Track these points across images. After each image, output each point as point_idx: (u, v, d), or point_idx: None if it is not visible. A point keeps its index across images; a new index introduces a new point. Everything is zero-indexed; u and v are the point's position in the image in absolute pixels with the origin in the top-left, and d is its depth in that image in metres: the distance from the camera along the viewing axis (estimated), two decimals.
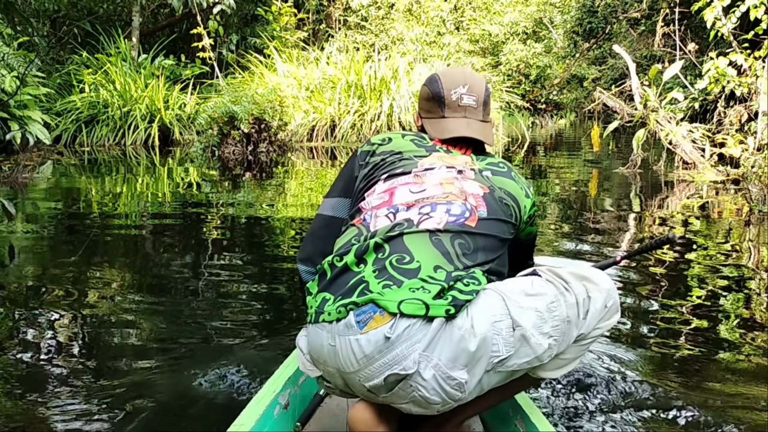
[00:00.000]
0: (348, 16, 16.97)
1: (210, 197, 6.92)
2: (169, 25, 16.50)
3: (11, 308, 3.20)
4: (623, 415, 2.20)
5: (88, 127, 12.18)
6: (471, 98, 1.85)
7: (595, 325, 1.59)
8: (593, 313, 1.58)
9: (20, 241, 4.72)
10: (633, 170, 8.00)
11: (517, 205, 1.73)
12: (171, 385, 2.31)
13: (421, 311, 1.42)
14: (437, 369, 1.42)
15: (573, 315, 1.54)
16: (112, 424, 2.03)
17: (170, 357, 2.60)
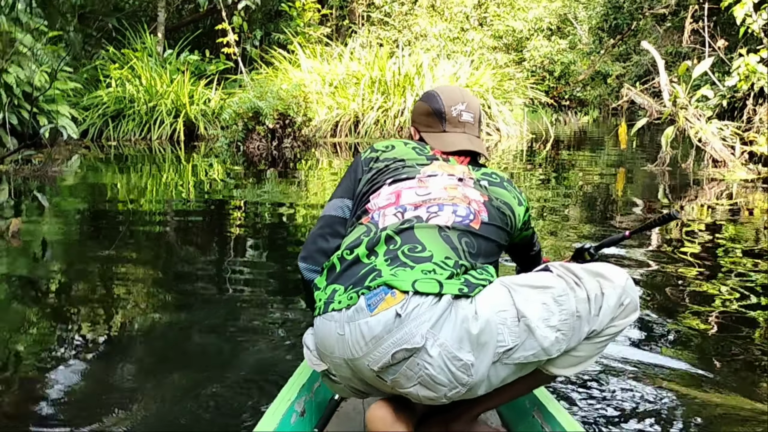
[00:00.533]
0: (371, 12, 16.95)
1: (234, 192, 6.96)
2: (194, 21, 16.61)
3: (40, 300, 3.24)
4: (641, 409, 2.20)
5: (114, 121, 12.32)
6: (469, 115, 1.95)
7: (608, 322, 1.57)
8: (606, 310, 1.56)
9: (51, 234, 4.78)
10: (661, 168, 7.91)
11: (512, 213, 1.80)
12: (184, 390, 2.30)
13: (435, 289, 1.46)
14: (443, 348, 1.44)
15: (584, 310, 1.54)
16: (122, 425, 2.05)
17: (188, 358, 2.61)
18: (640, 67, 17.73)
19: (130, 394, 2.24)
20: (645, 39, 17.16)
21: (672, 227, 4.95)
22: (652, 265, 3.89)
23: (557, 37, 17.39)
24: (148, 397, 2.21)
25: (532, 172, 8.21)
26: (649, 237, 4.66)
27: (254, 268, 3.92)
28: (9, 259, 4.11)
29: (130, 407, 2.14)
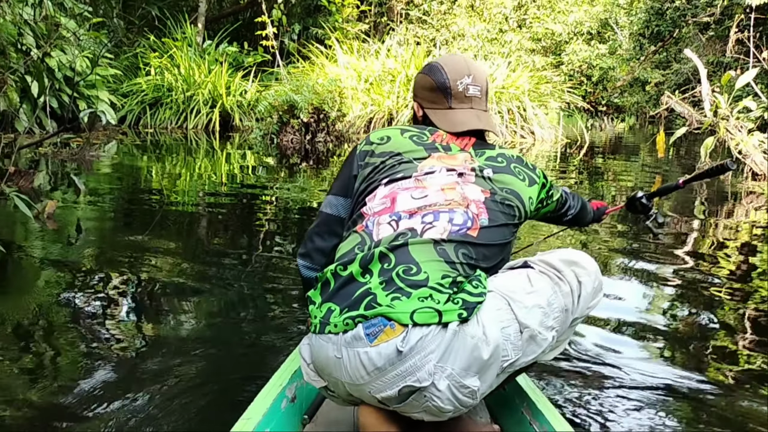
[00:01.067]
0: (410, 10, 16.92)
1: (266, 184, 6.99)
2: (234, 13, 16.75)
3: (72, 283, 3.29)
4: (627, 407, 2.24)
5: (152, 109, 12.49)
6: (476, 88, 1.83)
7: (585, 306, 1.66)
8: (585, 297, 1.64)
9: (84, 217, 4.84)
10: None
11: (521, 202, 1.73)
12: (197, 374, 2.32)
13: (434, 319, 1.41)
14: (451, 379, 1.42)
15: (569, 303, 1.61)
16: (122, 405, 2.07)
17: (205, 346, 2.60)
18: (679, 76, 17.43)
19: (124, 375, 2.27)
20: (686, 47, 16.90)
21: (706, 240, 4.86)
22: (682, 277, 3.82)
23: (597, 42, 17.18)
24: (144, 382, 2.23)
25: (566, 179, 8.12)
26: (682, 246, 4.58)
27: (279, 260, 3.93)
28: (43, 240, 4.17)
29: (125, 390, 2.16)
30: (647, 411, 2.21)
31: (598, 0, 17.93)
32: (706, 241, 4.90)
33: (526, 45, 16.48)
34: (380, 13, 17.18)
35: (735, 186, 7.51)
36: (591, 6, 17.62)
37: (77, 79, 7.41)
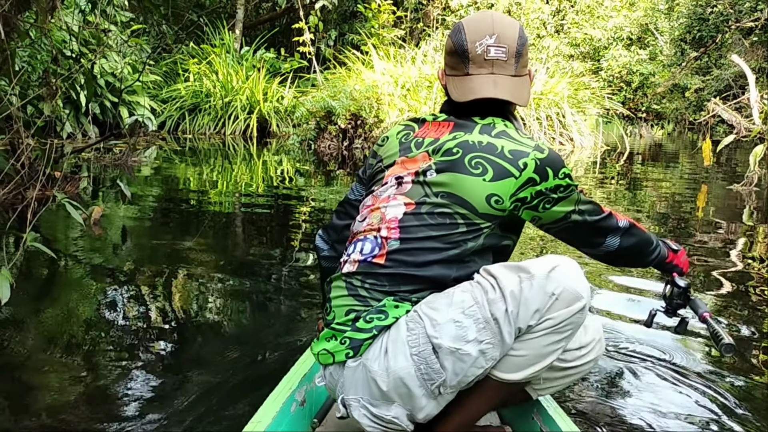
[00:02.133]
0: (446, 16, 16.86)
1: (304, 190, 6.98)
2: (271, 19, 16.87)
3: (113, 289, 3.29)
4: (641, 410, 2.20)
5: (191, 115, 12.62)
6: (500, 50, 1.56)
7: (537, 316, 1.43)
8: (526, 304, 1.43)
9: (129, 225, 4.87)
10: (748, 188, 7.55)
11: (464, 203, 1.51)
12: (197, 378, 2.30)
13: (329, 360, 1.52)
14: (364, 408, 1.50)
15: (499, 311, 1.43)
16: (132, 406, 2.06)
17: (217, 349, 2.57)
18: (720, 82, 17.10)
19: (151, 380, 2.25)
20: (728, 53, 16.55)
21: (754, 249, 4.70)
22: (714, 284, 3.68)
23: (637, 47, 16.93)
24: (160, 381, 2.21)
25: (605, 187, 7.97)
26: (725, 252, 4.43)
27: (301, 266, 3.88)
28: (89, 246, 4.20)
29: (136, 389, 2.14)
30: (660, 416, 2.17)
31: (638, 5, 17.66)
32: (752, 250, 4.74)
33: (565, 51, 16.31)
34: (416, 19, 17.15)
35: None
36: (631, 11, 17.37)
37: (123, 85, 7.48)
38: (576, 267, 1.48)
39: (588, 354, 1.65)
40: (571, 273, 1.46)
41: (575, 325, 1.47)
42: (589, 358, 1.66)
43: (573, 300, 1.43)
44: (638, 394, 2.33)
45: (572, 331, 1.48)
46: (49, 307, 3.02)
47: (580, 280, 1.46)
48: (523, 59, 1.61)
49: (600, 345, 1.69)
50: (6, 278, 2.93)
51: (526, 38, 1.64)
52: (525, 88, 1.61)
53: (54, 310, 2.99)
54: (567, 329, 1.46)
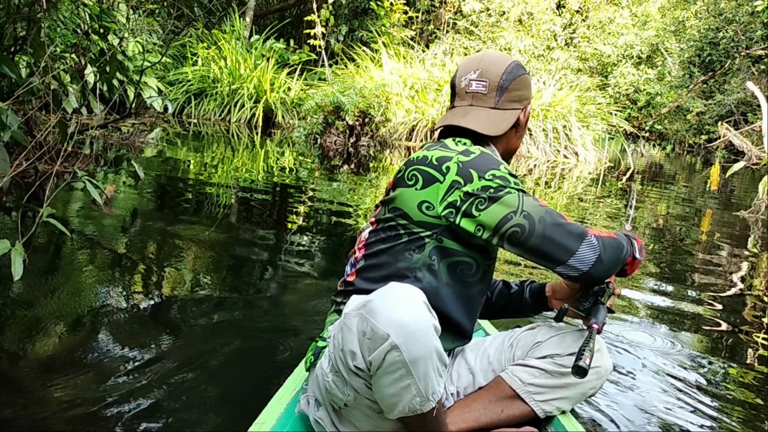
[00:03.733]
0: (458, 20, 16.83)
1: (313, 184, 6.92)
2: (281, 10, 16.79)
3: (121, 272, 3.22)
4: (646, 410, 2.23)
5: (196, 99, 12.50)
6: (480, 84, 1.65)
7: (362, 356, 1.37)
8: (344, 341, 1.41)
9: (137, 205, 4.79)
10: (756, 216, 7.56)
11: (403, 214, 1.56)
12: (202, 377, 2.23)
13: (306, 365, 1.65)
14: (311, 406, 1.60)
15: (332, 347, 1.48)
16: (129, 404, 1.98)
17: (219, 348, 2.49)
18: (722, 107, 17.15)
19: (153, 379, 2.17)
20: (733, 78, 16.61)
21: (755, 276, 4.68)
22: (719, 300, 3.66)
23: (646, 67, 16.95)
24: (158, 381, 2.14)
25: (604, 202, 7.96)
26: (723, 292, 4.41)
27: (306, 263, 3.81)
28: (99, 225, 4.12)
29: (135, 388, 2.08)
30: (665, 418, 2.19)
31: (650, 24, 17.69)
32: (755, 278, 4.73)
33: (573, 64, 16.31)
34: (427, 21, 17.11)
35: None
36: (641, 30, 17.40)
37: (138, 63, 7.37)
38: (394, 299, 1.35)
39: None
40: (381, 308, 1.33)
41: (403, 363, 1.32)
42: None
43: (381, 340, 1.32)
44: (641, 396, 2.34)
45: (405, 369, 1.33)
46: (59, 287, 2.94)
47: (388, 316, 1.32)
48: (510, 93, 1.67)
49: (602, 357, 1.68)
50: (19, 254, 2.86)
51: (519, 75, 1.69)
52: (504, 120, 1.66)
53: (63, 289, 2.91)
54: (395, 369, 1.33)
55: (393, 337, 1.30)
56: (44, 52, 3.60)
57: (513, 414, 1.68)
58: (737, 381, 2.60)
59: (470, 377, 1.79)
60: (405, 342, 1.30)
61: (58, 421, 1.83)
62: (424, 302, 1.37)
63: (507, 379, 1.69)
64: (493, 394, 1.70)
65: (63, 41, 6.18)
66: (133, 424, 1.86)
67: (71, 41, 4.66)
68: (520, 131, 1.75)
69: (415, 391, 1.35)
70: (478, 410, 1.68)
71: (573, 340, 1.69)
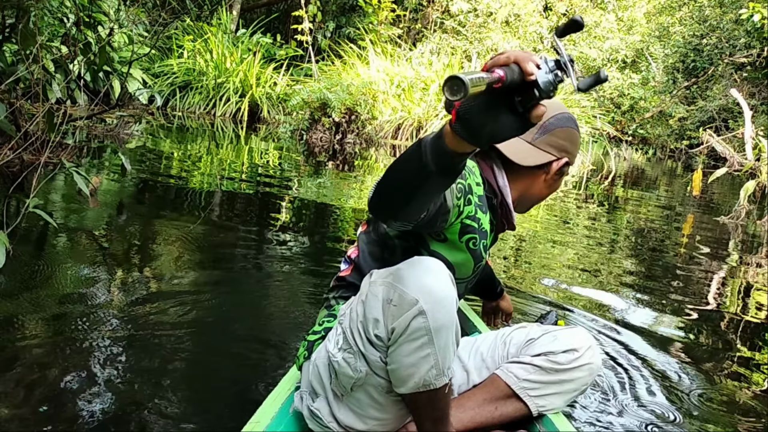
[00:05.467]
0: (445, 20, 16.85)
1: (293, 181, 6.91)
2: (269, 4, 16.71)
3: (108, 264, 3.19)
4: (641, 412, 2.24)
5: (181, 92, 12.41)
6: None
7: (385, 324, 1.38)
8: (368, 310, 1.41)
9: (123, 198, 4.75)
10: (736, 222, 7.66)
11: None
12: (194, 373, 2.24)
13: (299, 363, 1.66)
14: (305, 401, 1.61)
15: (350, 319, 1.49)
16: (120, 403, 1.96)
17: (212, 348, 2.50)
18: (704, 113, 17.33)
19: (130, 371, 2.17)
20: (715, 85, 16.79)
21: (735, 280, 4.75)
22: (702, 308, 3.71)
23: (630, 71, 17.10)
24: (147, 381, 2.13)
25: (587, 207, 8.02)
26: (705, 297, 4.47)
27: (290, 261, 3.80)
28: (84, 215, 4.08)
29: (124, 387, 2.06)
30: (659, 420, 2.21)
31: (635, 29, 17.84)
32: (734, 282, 4.79)
33: None
34: (415, 20, 17.12)
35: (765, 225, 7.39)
36: (627, 34, 17.54)
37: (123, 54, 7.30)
38: (423, 268, 1.38)
39: (580, 358, 1.69)
40: (411, 275, 1.37)
41: (428, 330, 1.35)
42: (581, 362, 1.69)
43: (408, 306, 1.35)
44: (636, 399, 2.36)
45: (428, 337, 1.36)
46: (42, 277, 2.90)
47: (418, 283, 1.36)
48: (550, 137, 1.68)
49: (593, 354, 1.72)
50: (3, 243, 2.82)
51: (567, 126, 1.70)
52: (533, 155, 1.67)
53: (46, 280, 2.88)
54: (419, 336, 1.35)
55: (422, 302, 1.34)
56: (34, 41, 3.55)
57: (507, 411, 1.70)
58: (723, 382, 2.63)
59: (464, 375, 1.82)
60: (432, 308, 1.34)
61: (37, 420, 1.80)
62: (449, 274, 1.40)
63: (502, 376, 1.72)
64: (488, 392, 1.72)
65: (50, 31, 6.11)
66: (122, 424, 1.84)
67: (59, 31, 4.59)
68: (549, 180, 1.74)
69: (434, 362, 1.37)
70: (473, 409, 1.70)
71: (566, 337, 1.72)
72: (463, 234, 1.58)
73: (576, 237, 5.76)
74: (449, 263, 1.62)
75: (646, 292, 4.07)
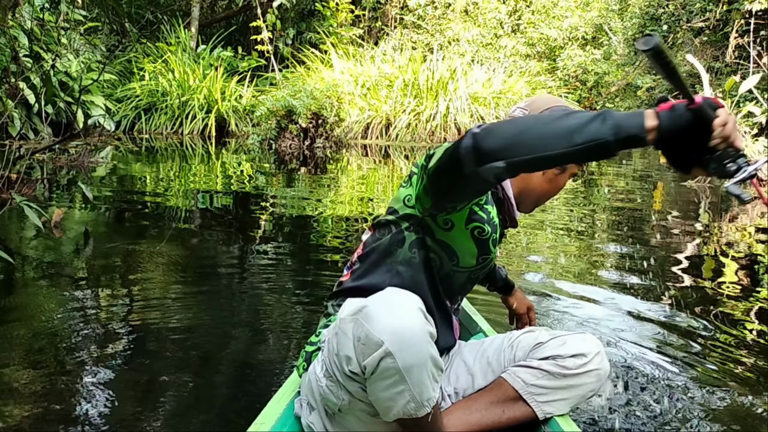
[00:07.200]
0: (404, 15, 16.89)
1: (268, 190, 6.91)
2: (227, 18, 16.64)
3: (74, 294, 3.19)
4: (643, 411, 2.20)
5: (147, 114, 12.37)
6: (522, 111, 1.71)
7: (357, 360, 1.37)
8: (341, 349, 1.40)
9: (89, 227, 4.73)
10: (703, 184, 7.75)
11: (396, 211, 1.66)
12: (193, 380, 2.26)
13: (299, 372, 1.65)
14: (303, 410, 1.61)
15: (327, 351, 1.48)
16: (125, 414, 1.98)
17: (196, 350, 2.52)
18: None
19: (129, 383, 2.19)
20: (679, 52, 16.93)
21: (709, 245, 4.82)
22: (683, 283, 3.77)
23: (592, 47, 17.21)
24: (147, 389, 2.14)
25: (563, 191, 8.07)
26: (683, 251, 4.53)
27: (274, 271, 3.81)
28: (48, 249, 4.06)
29: (127, 397, 2.07)
30: (663, 418, 2.18)
31: (592, 5, 17.97)
32: (708, 246, 4.86)
33: (521, 50, 16.49)
34: (374, 18, 17.14)
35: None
36: (585, 11, 17.65)
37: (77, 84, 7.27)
38: (391, 305, 1.35)
39: (588, 364, 1.67)
40: (377, 314, 1.33)
41: (397, 370, 1.32)
42: (589, 368, 1.67)
43: (375, 346, 1.32)
44: (639, 397, 2.33)
45: (398, 376, 1.33)
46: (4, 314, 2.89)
47: (383, 323, 1.32)
48: None
49: (601, 359, 1.70)
50: None
51: None
52: None
53: (9, 316, 2.87)
54: (389, 375, 1.33)
55: (387, 344, 1.30)
56: None
57: (514, 415, 1.68)
58: (727, 376, 2.59)
59: (469, 378, 1.79)
60: (399, 349, 1.30)
61: None
62: (420, 308, 1.37)
63: (509, 380, 1.70)
64: (495, 395, 1.70)
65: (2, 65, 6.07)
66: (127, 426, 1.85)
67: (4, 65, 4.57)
68: (549, 175, 1.73)
69: (409, 397, 1.35)
70: (480, 412, 1.68)
71: (575, 342, 1.70)
72: (470, 222, 1.60)
73: (555, 215, 5.81)
74: (452, 251, 1.63)
75: (628, 272, 4.12)
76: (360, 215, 5.65)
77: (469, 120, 11.72)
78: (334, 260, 4.02)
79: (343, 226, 5.16)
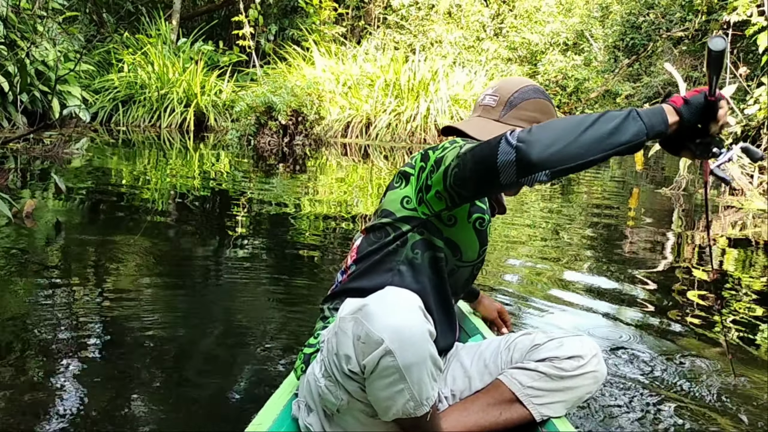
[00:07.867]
0: (387, 14, 16.89)
1: (245, 186, 6.87)
2: (209, 11, 16.54)
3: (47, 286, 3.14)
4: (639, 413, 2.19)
5: (124, 106, 12.24)
6: (492, 98, 1.75)
7: (357, 360, 1.37)
8: (338, 345, 1.41)
9: (62, 218, 4.67)
10: (677, 192, 7.84)
11: (391, 214, 1.64)
12: (184, 382, 2.24)
13: (297, 374, 1.66)
14: (301, 411, 1.59)
15: (326, 351, 1.48)
16: (121, 418, 1.96)
17: (184, 352, 2.50)
18: (649, 89, 17.68)
19: (120, 386, 2.15)
20: (658, 60, 17.14)
21: (682, 251, 4.88)
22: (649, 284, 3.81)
23: (573, 53, 17.36)
24: (142, 391, 2.12)
25: (538, 191, 8.14)
26: (656, 256, 4.59)
27: (251, 264, 3.79)
28: (20, 239, 4.00)
29: (119, 400, 2.05)
30: (657, 419, 2.19)
31: (574, 11, 18.12)
32: (682, 252, 4.92)
33: (503, 54, 16.57)
34: (357, 17, 17.12)
35: (714, 201, 7.60)
36: (567, 17, 17.80)
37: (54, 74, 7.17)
38: (391, 303, 1.36)
39: (585, 366, 1.67)
40: (377, 312, 1.34)
41: (397, 369, 1.32)
42: (586, 370, 1.67)
43: (375, 345, 1.32)
44: (635, 399, 2.34)
45: (398, 375, 1.33)
46: None
47: (383, 321, 1.33)
48: (517, 111, 1.73)
49: (598, 362, 1.70)
50: None
51: (533, 97, 1.75)
52: (499, 131, 1.66)
53: None
54: (389, 374, 1.34)
55: (387, 342, 1.31)
56: None
57: (511, 417, 1.68)
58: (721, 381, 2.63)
59: (466, 380, 1.79)
60: (399, 347, 1.31)
61: None
62: (420, 307, 1.37)
63: (506, 382, 1.69)
64: (492, 397, 1.70)
65: None
66: None
67: None
68: None
69: (409, 396, 1.35)
70: (477, 414, 1.68)
71: (572, 344, 1.70)
72: (471, 214, 1.61)
73: (533, 219, 5.84)
74: (456, 246, 1.64)
75: (604, 274, 4.15)
76: (338, 213, 5.64)
77: (449, 122, 11.74)
78: (311, 255, 4.02)
79: (321, 224, 5.15)
